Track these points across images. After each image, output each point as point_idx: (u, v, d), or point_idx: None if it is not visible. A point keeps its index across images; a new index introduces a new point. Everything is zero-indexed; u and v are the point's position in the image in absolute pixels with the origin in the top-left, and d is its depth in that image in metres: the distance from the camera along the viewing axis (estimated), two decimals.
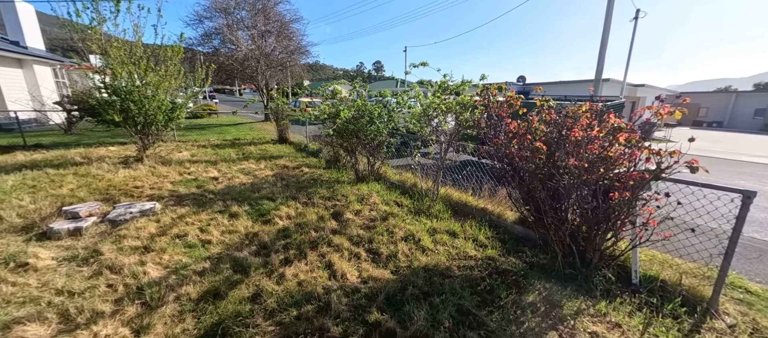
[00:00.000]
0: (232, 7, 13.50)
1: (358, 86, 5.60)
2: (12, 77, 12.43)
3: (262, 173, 6.26)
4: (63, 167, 6.11)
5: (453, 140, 4.31)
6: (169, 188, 5.21)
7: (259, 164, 7.05)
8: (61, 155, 7.22)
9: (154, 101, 6.57)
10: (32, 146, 8.09)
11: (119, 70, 5.98)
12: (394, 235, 3.66)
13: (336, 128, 4.87)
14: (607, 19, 13.78)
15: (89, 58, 6.57)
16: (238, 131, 13.40)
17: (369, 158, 5.87)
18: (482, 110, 3.08)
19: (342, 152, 6.96)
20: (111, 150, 8.11)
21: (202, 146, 9.25)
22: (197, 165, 6.72)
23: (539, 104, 2.71)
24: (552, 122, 2.47)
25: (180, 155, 7.64)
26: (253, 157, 7.85)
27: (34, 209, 4.00)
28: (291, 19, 14.86)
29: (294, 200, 4.71)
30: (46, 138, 9.58)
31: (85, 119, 10.49)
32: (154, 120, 6.68)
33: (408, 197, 4.94)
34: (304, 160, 7.66)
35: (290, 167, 6.87)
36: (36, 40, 14.67)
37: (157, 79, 6.53)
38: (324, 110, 5.53)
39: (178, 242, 3.36)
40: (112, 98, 6.32)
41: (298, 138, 10.76)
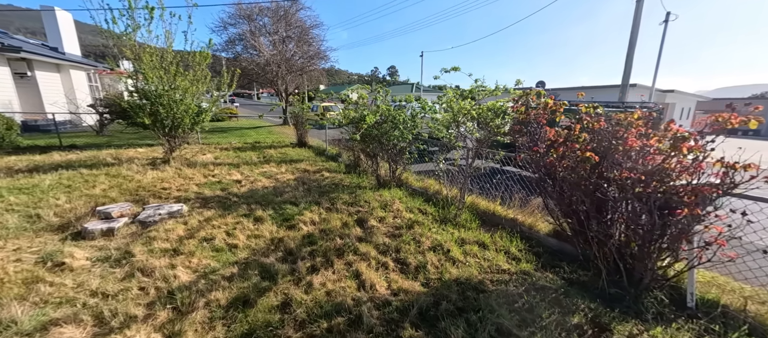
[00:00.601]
0: (256, 14, 13.87)
1: (382, 90, 5.54)
2: (51, 81, 13.18)
3: (283, 177, 6.28)
4: (95, 167, 6.34)
5: (481, 147, 4.16)
6: (195, 190, 5.29)
7: (280, 168, 7.09)
8: (93, 155, 7.52)
9: (182, 104, 6.75)
10: (67, 147, 8.49)
11: (151, 75, 6.18)
12: (421, 244, 3.53)
13: (362, 133, 4.81)
14: (636, 22, 13.25)
15: (121, 63, 6.85)
16: (258, 135, 13.64)
17: (390, 163, 5.78)
18: (519, 116, 2.93)
19: (362, 157, 6.91)
20: (139, 152, 8.39)
21: (225, 148, 9.44)
22: (221, 168, 6.83)
23: (585, 110, 2.54)
24: (601, 130, 2.29)
25: (204, 158, 7.80)
26: (273, 160, 7.93)
27: (69, 209, 4.13)
28: (311, 25, 15.15)
29: (317, 206, 4.67)
30: (80, 139, 10.05)
31: (115, 121, 10.95)
32: (181, 123, 6.86)
33: (432, 205, 4.81)
34: (324, 164, 7.66)
35: (311, 171, 6.88)
36: (73, 47, 15.54)
37: (185, 84, 6.71)
38: (347, 114, 5.49)
39: (206, 246, 3.36)
40: (142, 102, 6.53)
41: (317, 142, 10.83)
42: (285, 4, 14.00)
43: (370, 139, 5.51)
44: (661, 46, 16.72)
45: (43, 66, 12.77)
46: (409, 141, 5.34)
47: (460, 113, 3.64)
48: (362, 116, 5.01)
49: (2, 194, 4.53)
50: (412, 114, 5.26)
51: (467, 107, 3.60)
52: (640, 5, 13.11)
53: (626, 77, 13.77)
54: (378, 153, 5.72)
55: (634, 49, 13.41)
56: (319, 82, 18.25)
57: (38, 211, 4.01)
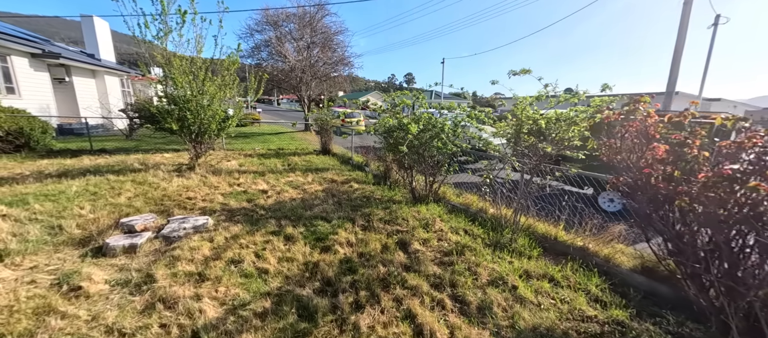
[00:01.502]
0: (282, 20, 13.90)
1: (421, 97, 5.09)
2: (86, 86, 13.64)
3: (310, 188, 5.91)
4: (122, 173, 6.22)
5: (543, 162, 3.60)
6: (220, 200, 5.00)
7: (307, 177, 6.75)
8: (121, 160, 7.47)
9: (209, 110, 6.57)
10: (97, 151, 8.55)
11: (180, 80, 6.03)
12: (479, 277, 3.00)
13: (408, 143, 4.34)
14: (683, 26, 12.26)
15: (152, 70, 6.79)
16: (281, 141, 13.52)
17: (427, 176, 5.28)
18: (618, 130, 2.37)
19: (394, 168, 6.46)
20: (166, 157, 8.31)
21: (249, 155, 9.26)
22: (246, 176, 6.56)
23: (733, 123, 1.97)
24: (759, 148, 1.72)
25: (229, 165, 7.60)
26: (298, 169, 7.61)
27: (92, 220, 3.89)
28: (336, 30, 15.04)
29: (351, 223, 4.23)
30: (110, 143, 10.19)
31: (144, 126, 11.09)
32: (207, 129, 6.68)
33: (478, 225, 4.26)
34: (351, 174, 7.25)
35: (338, 182, 6.48)
36: (108, 53, 16.14)
37: (213, 89, 6.54)
38: (384, 122, 5.07)
39: (234, 270, 2.97)
40: (170, 107, 6.40)
41: (341, 150, 10.50)
42: (311, 10, 13.98)
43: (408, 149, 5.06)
44: (710, 52, 15.45)
45: (80, 72, 13.24)
46: (451, 153, 4.83)
47: (527, 122, 3.11)
48: (403, 125, 4.56)
49: (28, 202, 4.37)
50: (454, 123, 4.77)
51: (536, 115, 3.06)
52: (688, 7, 12.12)
53: (672, 84, 12.72)
54: (414, 165, 5.24)
55: (680, 55, 12.41)
56: (342, 88, 18.11)
57: (61, 221, 3.79)
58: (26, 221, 3.77)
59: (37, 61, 11.16)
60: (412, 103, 5.20)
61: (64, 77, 12.42)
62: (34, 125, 8.03)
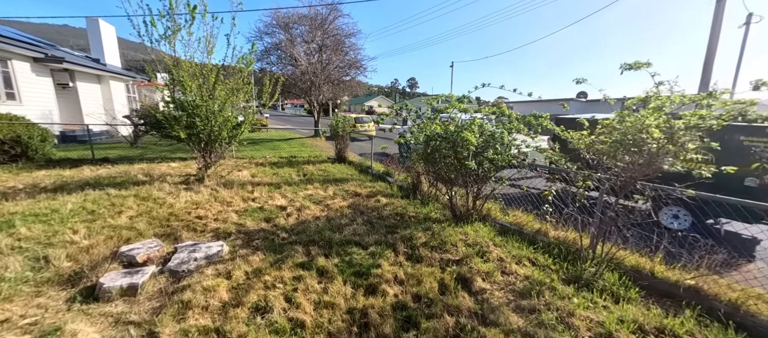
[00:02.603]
0: (293, 23, 13.39)
1: (466, 102, 4.43)
2: (91, 92, 13.20)
3: (334, 203, 5.24)
4: (125, 186, 5.61)
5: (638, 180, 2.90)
6: (235, 219, 4.35)
7: (327, 190, 6.09)
8: (124, 171, 6.88)
9: (220, 116, 5.97)
10: (99, 160, 7.98)
11: (189, 83, 5.44)
12: (578, 332, 2.30)
13: (459, 156, 3.69)
14: (716, 25, 11.55)
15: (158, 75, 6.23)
16: (291, 147, 12.93)
17: (468, 190, 4.59)
18: None
19: (424, 180, 5.80)
20: (172, 166, 7.73)
21: (260, 163, 8.65)
22: (260, 189, 5.92)
23: None
24: None
25: (240, 175, 6.97)
26: (316, 180, 6.96)
27: (86, 248, 3.26)
28: (348, 32, 14.47)
29: (391, 250, 3.55)
30: (114, 151, 9.65)
31: (150, 133, 10.55)
32: (218, 137, 6.07)
33: (544, 253, 3.56)
34: (374, 185, 6.59)
35: (363, 195, 5.81)
36: (114, 58, 15.75)
37: (224, 94, 5.95)
38: (426, 127, 4.41)
39: (261, 324, 2.30)
40: (178, 113, 5.81)
41: (358, 158, 9.86)
42: (323, 12, 13.47)
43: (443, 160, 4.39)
44: (742, 52, 14.67)
45: (84, 77, 12.80)
46: (502, 165, 4.14)
47: (643, 129, 2.40)
48: (451, 132, 3.90)
49: (14, 224, 3.76)
50: (507, 129, 4.09)
51: (652, 121, 2.37)
52: (722, 5, 11.41)
53: (705, 86, 11.94)
54: (455, 178, 4.56)
55: (714, 55, 11.68)
56: (355, 92, 17.54)
57: (49, 250, 3.15)
58: (7, 250, 3.14)
59: (39, 66, 10.70)
60: (450, 107, 4.56)
61: (67, 83, 11.97)
62: (32, 132, 7.49)
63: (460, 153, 3.97)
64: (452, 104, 4.25)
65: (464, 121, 4.30)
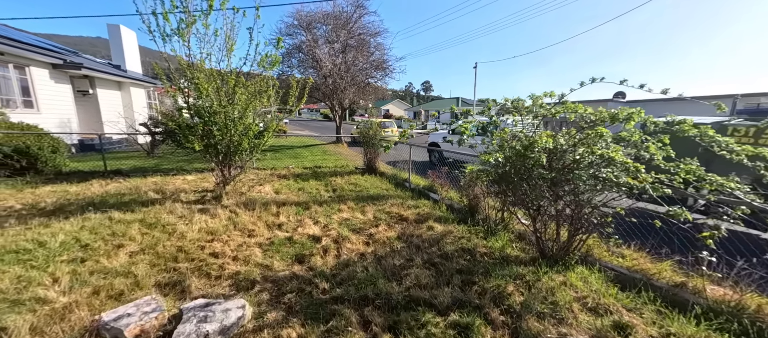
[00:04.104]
0: (316, 22, 12.61)
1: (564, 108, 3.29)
2: (111, 99, 12.87)
3: (379, 233, 4.19)
4: (131, 208, 4.80)
5: None
6: (259, 258, 3.38)
7: (365, 212, 5.07)
8: (134, 186, 6.13)
9: (240, 124, 5.08)
10: (112, 173, 7.32)
11: (205, 85, 4.58)
12: None
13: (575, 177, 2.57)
14: None
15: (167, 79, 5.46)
16: (313, 155, 12.08)
17: (558, 221, 3.43)
18: None
19: (485, 201, 4.67)
20: (188, 180, 6.95)
21: (283, 176, 7.76)
22: (286, 210, 4.97)
23: None
24: None
25: (262, 191, 6.07)
26: (348, 197, 5.96)
27: (62, 310, 2.35)
28: (374, 31, 13.49)
29: (480, 317, 2.45)
30: (129, 161, 9.05)
31: (165, 142, 9.94)
32: (238, 149, 5.18)
33: (693, 321, 2.36)
34: (419, 205, 5.50)
35: (410, 220, 4.75)
36: (135, 64, 15.51)
37: (245, 98, 5.07)
38: (511, 144, 3.31)
39: None
40: (194, 121, 4.97)
41: (389, 169, 8.82)
42: (348, 10, 12.62)
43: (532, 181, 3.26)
44: None
45: (104, 84, 12.48)
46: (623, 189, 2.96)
47: None
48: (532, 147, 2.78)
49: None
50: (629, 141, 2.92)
51: None
52: None
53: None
54: (546, 205, 3.41)
55: None
56: (382, 95, 16.60)
57: (10, 318, 2.26)
58: None
59: (58, 73, 10.35)
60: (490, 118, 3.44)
61: (87, 90, 11.62)
62: (42, 143, 6.91)
63: (576, 177, 2.84)
64: (567, 107, 3.11)
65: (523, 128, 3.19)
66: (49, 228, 3.91)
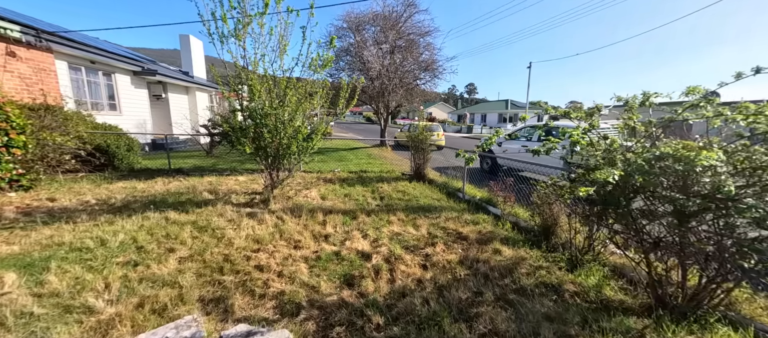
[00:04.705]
0: (366, 23, 12.49)
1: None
2: (179, 102, 14.09)
3: (436, 254, 3.64)
4: (186, 209, 4.87)
5: None
6: (305, 276, 3.04)
7: (418, 227, 4.54)
8: (192, 186, 6.35)
9: (290, 126, 4.92)
10: (174, 171, 7.79)
11: (258, 87, 4.47)
12: None
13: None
14: None
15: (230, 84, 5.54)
16: (358, 159, 11.89)
17: (681, 260, 2.53)
18: None
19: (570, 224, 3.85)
20: (239, 181, 7.08)
21: (329, 180, 7.57)
22: (333, 219, 4.66)
23: None
24: None
25: (309, 196, 5.88)
26: (397, 207, 5.49)
27: (105, 324, 2.21)
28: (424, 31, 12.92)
29: None
30: (190, 160, 9.66)
31: (222, 143, 10.48)
32: (286, 152, 5.02)
33: None
34: (478, 221, 4.82)
35: (471, 239, 4.10)
36: (200, 71, 16.92)
37: (295, 100, 4.89)
38: (618, 145, 2.55)
39: None
40: (246, 123, 4.92)
41: (438, 176, 8.20)
42: (398, 9, 12.28)
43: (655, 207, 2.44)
44: None
45: (175, 88, 13.70)
46: None
47: None
48: None
49: (50, 264, 3.00)
50: None
51: None
52: None
53: None
54: (671, 242, 2.55)
55: None
56: (430, 98, 16.02)
57: (55, 330, 2.17)
58: (11, 320, 2.23)
59: (137, 79, 11.54)
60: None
61: (160, 94, 12.83)
62: (119, 142, 7.58)
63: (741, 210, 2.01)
64: (740, 109, 2.28)
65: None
66: (112, 226, 4.04)
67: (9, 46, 6.91)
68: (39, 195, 5.30)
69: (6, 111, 4.95)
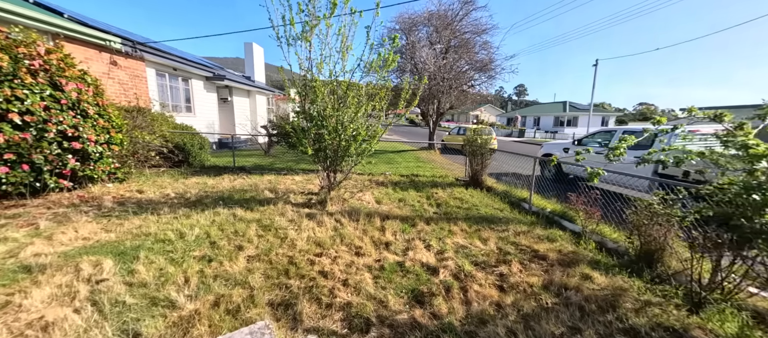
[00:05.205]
0: (420, 24, 12.27)
1: None
2: (242, 105, 15.24)
3: (512, 275, 3.21)
4: (251, 206, 5.06)
5: None
6: (370, 287, 2.86)
7: (484, 239, 4.13)
8: (254, 183, 6.68)
9: (349, 128, 4.85)
10: (238, 169, 8.31)
11: (322, 89, 4.47)
12: None
13: None
14: None
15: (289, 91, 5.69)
16: (406, 162, 11.66)
17: None
18: None
19: (678, 249, 3.16)
20: (296, 180, 7.29)
21: (381, 183, 7.45)
22: (391, 225, 4.46)
23: None
24: None
25: (363, 199, 5.78)
26: (457, 216, 5.11)
27: (187, 320, 2.24)
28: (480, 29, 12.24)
29: None
30: (251, 159, 10.30)
31: (279, 143, 11.01)
32: (345, 154, 4.97)
33: None
34: (552, 238, 4.24)
35: (550, 259, 3.58)
36: (260, 75, 18.16)
37: (356, 101, 4.81)
38: None
39: None
40: (307, 125, 4.97)
41: (496, 183, 7.61)
42: (454, 8, 11.85)
43: None
44: None
45: (238, 92, 14.86)
46: None
47: None
48: None
49: (139, 254, 3.23)
50: None
51: None
52: None
53: None
54: None
55: None
56: (482, 99, 15.29)
57: (143, 323, 2.25)
58: (108, 307, 2.38)
59: (209, 84, 12.70)
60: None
61: (227, 97, 14.00)
62: (193, 141, 8.32)
63: None
64: None
65: None
66: (189, 220, 4.32)
67: (112, 57, 7.99)
68: (130, 187, 5.96)
69: (109, 113, 5.65)
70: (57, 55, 4.97)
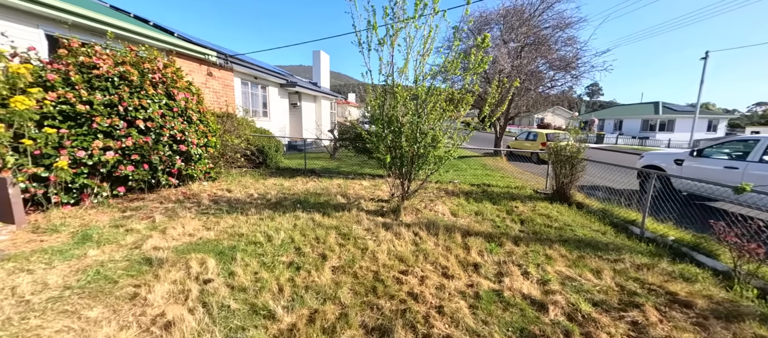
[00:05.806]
0: (492, 22, 11.53)
1: None
2: (309, 110, 16.14)
3: (650, 325, 2.55)
4: (326, 211, 5.10)
5: None
6: (469, 320, 2.51)
7: (597, 272, 3.45)
8: (325, 187, 6.83)
9: (429, 135, 4.56)
10: (309, 171, 8.67)
11: (403, 94, 4.28)
12: None
13: None
14: None
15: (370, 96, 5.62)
16: (472, 169, 10.95)
17: None
18: None
19: None
20: (364, 185, 7.28)
21: (452, 192, 7.01)
22: (474, 242, 4.04)
23: None
24: None
25: (437, 210, 5.44)
26: (550, 237, 4.44)
27: (287, 335, 2.17)
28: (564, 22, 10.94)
29: None
30: (318, 162, 10.73)
31: (346, 146, 11.27)
32: (423, 164, 4.69)
33: None
34: (683, 272, 3.36)
35: (699, 308, 2.79)
36: (326, 81, 19.08)
37: (438, 107, 4.50)
38: None
39: None
40: (384, 132, 4.83)
41: (587, 199, 6.59)
42: (533, 2, 10.84)
43: None
44: None
45: (306, 97, 15.77)
46: None
47: None
48: None
49: (236, 254, 3.38)
50: None
51: None
52: None
53: None
54: None
55: None
56: (560, 101, 13.82)
57: (251, 330, 2.24)
58: (216, 311, 2.46)
59: (282, 90, 13.68)
60: None
61: (296, 103, 14.95)
62: (270, 144, 8.93)
63: None
64: None
65: None
66: (273, 222, 4.49)
67: (209, 68, 9.03)
68: (220, 186, 6.55)
69: (207, 119, 6.29)
70: (171, 69, 5.67)
